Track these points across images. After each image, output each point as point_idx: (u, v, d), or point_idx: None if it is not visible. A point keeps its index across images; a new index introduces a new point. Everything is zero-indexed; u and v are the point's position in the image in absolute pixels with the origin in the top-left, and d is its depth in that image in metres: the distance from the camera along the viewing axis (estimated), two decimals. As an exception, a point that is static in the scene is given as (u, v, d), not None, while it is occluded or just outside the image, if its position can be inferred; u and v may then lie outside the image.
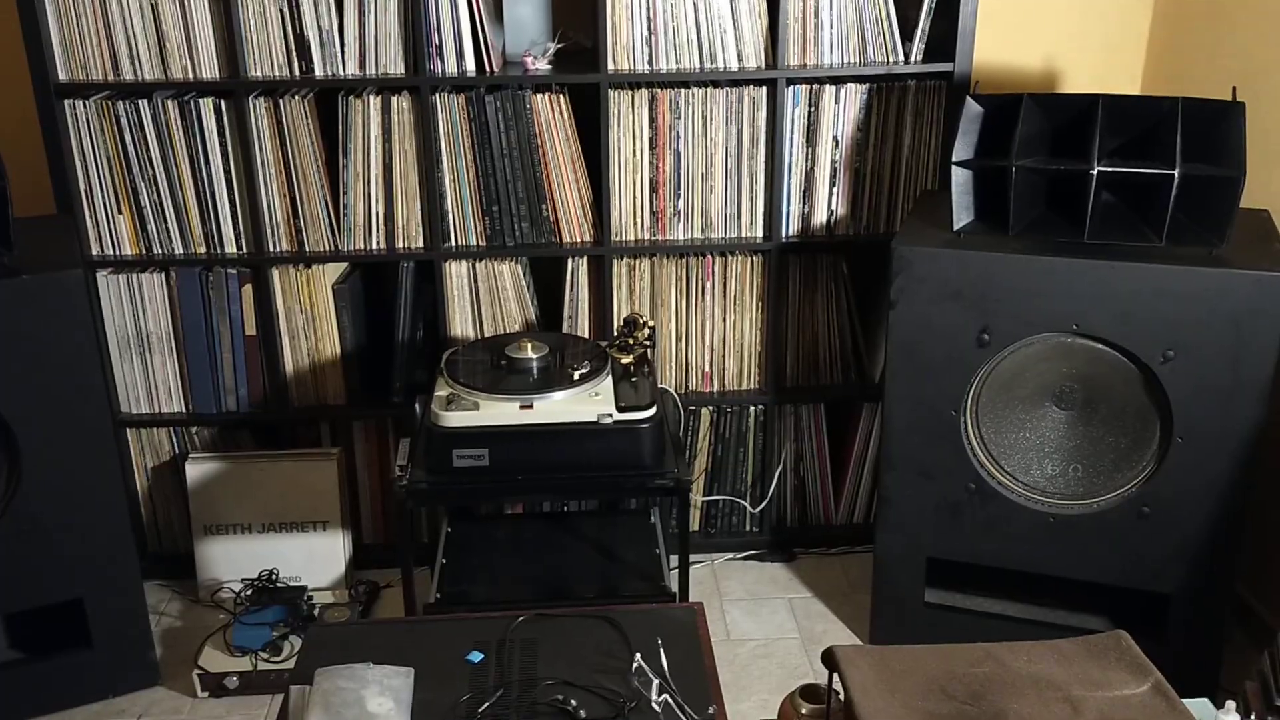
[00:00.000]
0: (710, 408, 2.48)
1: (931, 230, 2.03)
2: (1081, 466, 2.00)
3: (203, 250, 2.29)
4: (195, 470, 2.36)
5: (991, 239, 1.95)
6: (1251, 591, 2.23)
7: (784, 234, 2.37)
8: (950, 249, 1.95)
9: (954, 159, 1.97)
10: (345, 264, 2.39)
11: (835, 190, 2.35)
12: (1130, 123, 1.87)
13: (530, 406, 1.96)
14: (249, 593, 2.30)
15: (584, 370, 2.03)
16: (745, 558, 2.57)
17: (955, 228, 1.99)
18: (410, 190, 2.29)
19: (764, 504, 2.54)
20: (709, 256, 2.38)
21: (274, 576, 2.34)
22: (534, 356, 2.08)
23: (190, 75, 2.18)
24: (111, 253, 2.28)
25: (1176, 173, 1.81)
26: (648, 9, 2.21)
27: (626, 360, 2.12)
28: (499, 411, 1.95)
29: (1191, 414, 1.88)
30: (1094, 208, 1.87)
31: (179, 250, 2.28)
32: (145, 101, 2.17)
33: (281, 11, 2.15)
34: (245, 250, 2.29)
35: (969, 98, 1.95)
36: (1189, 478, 1.91)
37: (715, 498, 2.55)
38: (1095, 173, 1.85)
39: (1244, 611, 2.22)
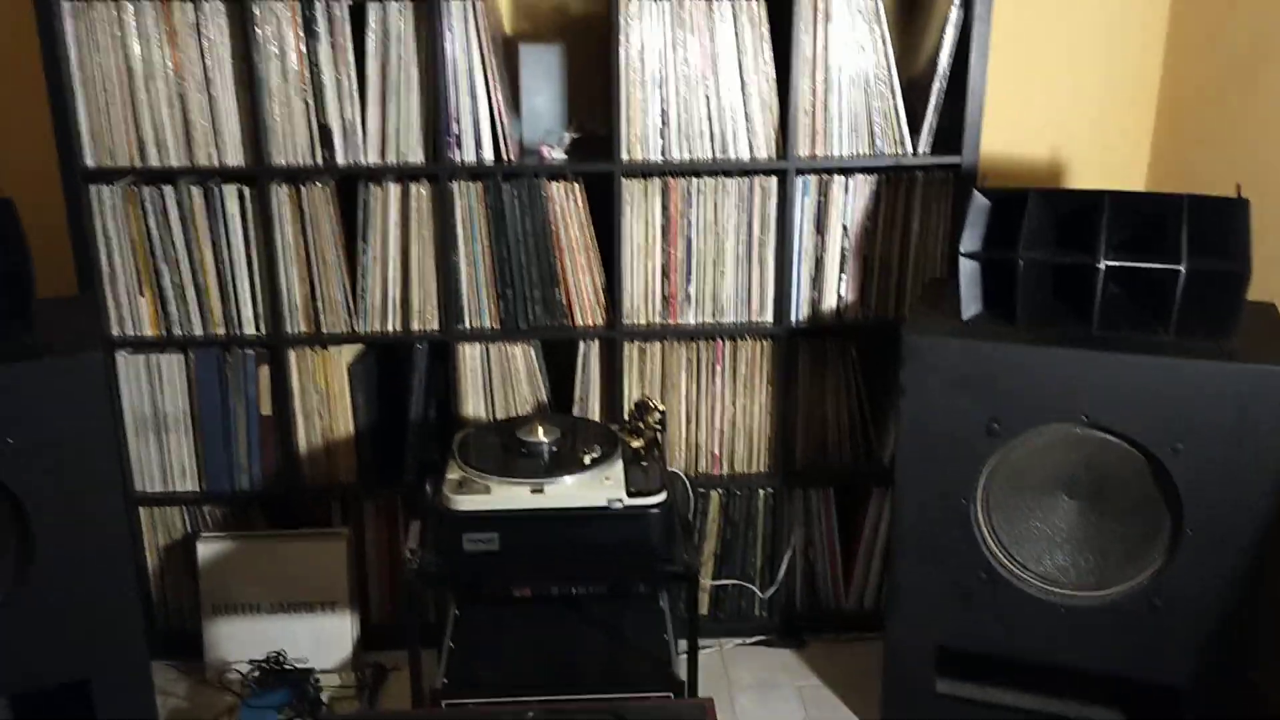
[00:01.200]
0: (719, 490, 2.49)
1: (940, 319, 2.05)
2: (1093, 557, 2.00)
3: (221, 331, 2.32)
4: (206, 549, 2.37)
5: (1000, 329, 1.98)
6: (1266, 682, 2.20)
7: (794, 319, 2.39)
8: (959, 338, 1.97)
9: (962, 250, 2.00)
10: (360, 345, 2.42)
11: (844, 277, 2.38)
12: (1137, 218, 1.90)
13: (541, 490, 1.97)
14: (256, 674, 2.29)
15: (595, 455, 2.04)
16: (754, 643, 2.55)
17: (964, 317, 2.01)
18: (426, 273, 2.32)
19: (773, 589, 2.53)
20: (719, 340, 2.41)
21: (281, 658, 2.33)
22: (545, 440, 2.09)
23: (215, 162, 2.23)
24: (132, 333, 2.31)
25: (1183, 268, 1.84)
26: (661, 101, 2.26)
27: (637, 444, 2.13)
28: (510, 495, 1.96)
29: (1202, 506, 1.88)
30: (1101, 300, 1.90)
31: (198, 331, 2.32)
32: (170, 187, 2.23)
33: (306, 102, 2.21)
34: (263, 331, 2.32)
35: (976, 191, 1.99)
36: (1200, 570, 1.91)
37: (724, 582, 2.54)
38: (1103, 267, 1.88)
39: (1258, 702, 2.20)
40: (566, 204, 2.30)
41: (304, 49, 2.18)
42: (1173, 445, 1.87)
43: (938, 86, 2.25)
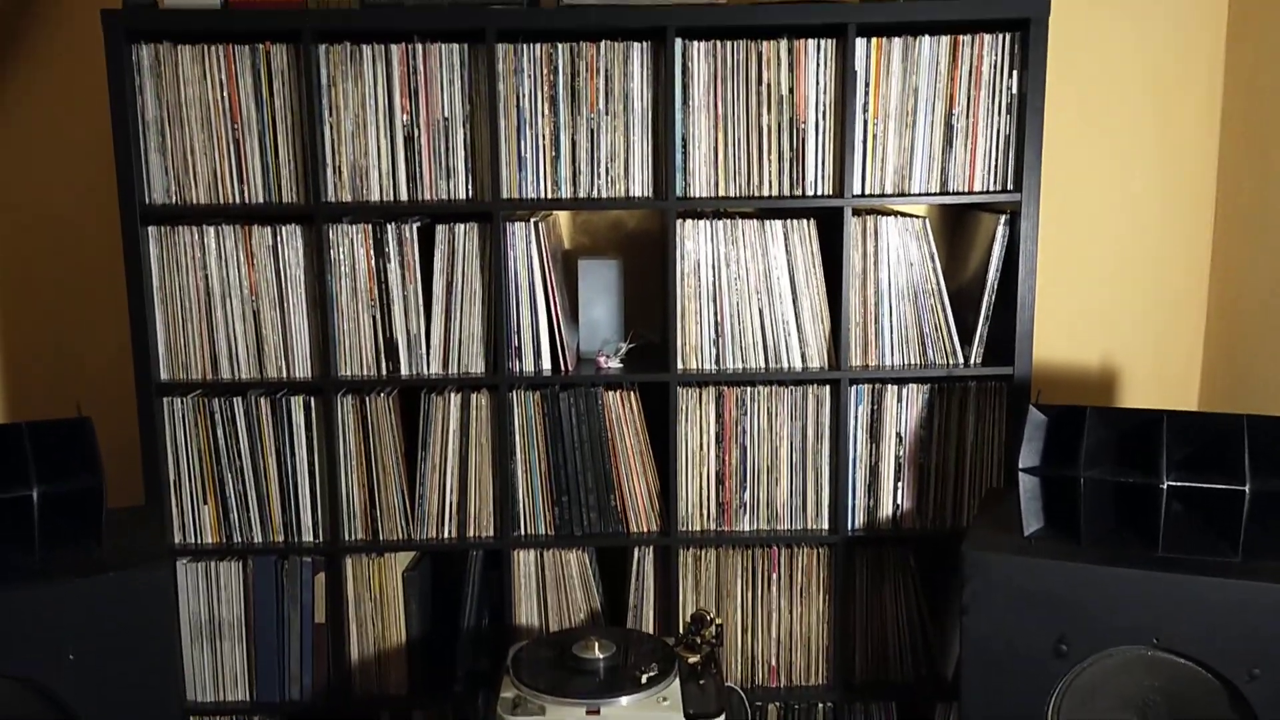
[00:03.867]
0: (777, 704, 2.42)
1: (1002, 534, 2.03)
2: (1173, 787, 1.91)
3: (280, 539, 2.35)
4: (254, 762, 2.33)
5: (1064, 547, 1.95)
6: None
7: (850, 527, 2.38)
8: (1023, 556, 1.94)
9: (1021, 466, 1.99)
10: (416, 552, 2.43)
11: (900, 485, 2.38)
12: (1196, 436, 1.90)
13: (597, 712, 1.94)
14: None
15: (651, 673, 2.01)
16: None
17: (1026, 533, 1.99)
18: (484, 481, 2.35)
19: (834, 808, 2.43)
20: (775, 548, 2.39)
21: None
22: (601, 656, 2.06)
23: (284, 374, 2.30)
24: (193, 541, 2.34)
25: (1248, 489, 1.82)
26: (715, 313, 2.32)
27: (693, 659, 2.10)
28: (565, 716, 1.93)
29: (1286, 737, 1.80)
30: (1166, 521, 1.88)
31: (257, 539, 2.34)
32: (240, 399, 2.30)
33: (374, 317, 2.29)
34: (321, 539, 2.35)
35: (1032, 407, 2.00)
36: (1289, 805, 1.81)
37: (783, 800, 2.45)
38: (1165, 487, 1.86)
39: None
40: (623, 411, 2.34)
41: (374, 267, 2.28)
42: (1249, 671, 1.81)
43: (987, 300, 2.30)
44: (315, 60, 2.19)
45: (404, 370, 2.32)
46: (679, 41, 2.21)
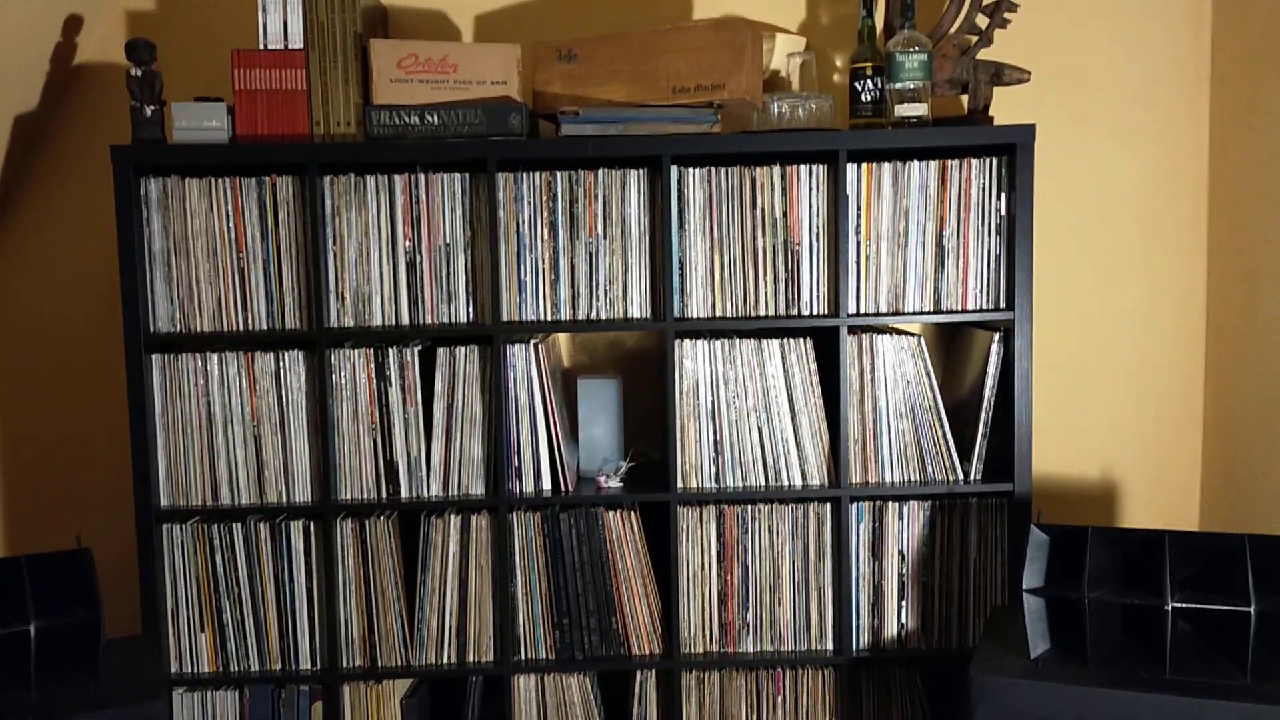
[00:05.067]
0: (785, 832, 2.37)
1: (1008, 656, 2.01)
2: None
3: (278, 666, 2.31)
4: None
5: (1071, 669, 1.93)
6: None
7: (855, 647, 2.35)
8: (1030, 679, 1.92)
9: (1025, 587, 1.98)
10: (415, 678, 2.39)
11: (905, 603, 2.36)
12: (1199, 556, 1.90)
13: None
14: None
15: (657, 805, 1.97)
16: None
17: (1032, 655, 1.97)
18: (484, 604, 2.33)
19: None
20: (779, 670, 2.36)
21: None
22: (605, 787, 2.02)
23: (284, 499, 2.30)
24: (189, 670, 2.31)
25: (1253, 610, 1.81)
26: (714, 431, 2.33)
27: (699, 789, 2.06)
28: None
29: None
30: (1173, 642, 1.86)
31: (254, 666, 2.31)
32: (239, 525, 2.29)
33: (374, 440, 2.30)
34: (319, 666, 2.31)
35: (1034, 527, 2.00)
36: None
37: None
38: (1170, 608, 1.85)
39: None
40: (623, 531, 2.34)
41: (375, 390, 2.29)
42: (1266, 797, 1.78)
43: (984, 417, 2.31)
44: (320, 191, 2.24)
45: (404, 493, 2.32)
46: (674, 168, 2.27)
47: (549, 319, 2.31)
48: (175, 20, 2.56)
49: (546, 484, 2.34)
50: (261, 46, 2.25)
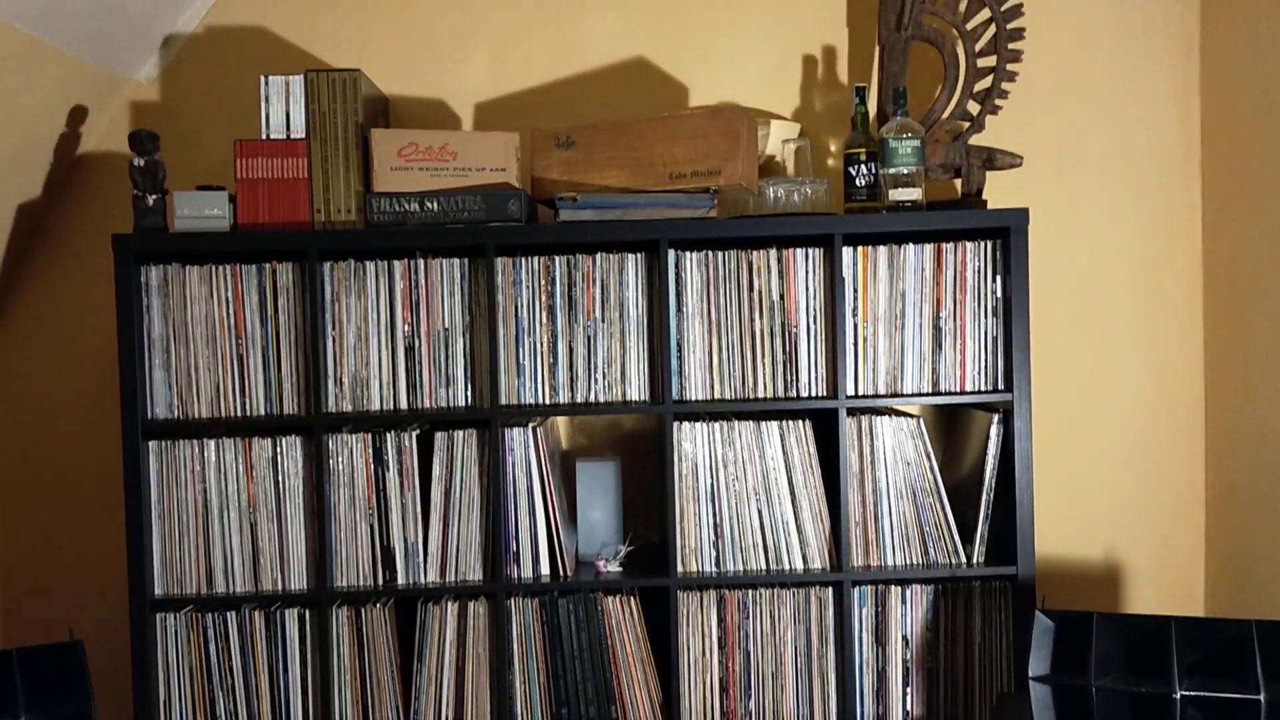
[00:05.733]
0: None
1: (1015, 746, 1.97)
2: None
3: (271, 759, 2.27)
4: None
5: (1080, 760, 1.89)
6: None
7: (859, 735, 2.31)
8: (1038, 771, 1.89)
9: (1030, 674, 1.96)
10: (411, 769, 2.35)
11: (909, 690, 2.32)
12: (1206, 643, 1.87)
13: None
14: None
15: None
16: None
17: (1040, 745, 1.94)
18: (481, 693, 2.29)
19: None
20: (783, 759, 2.32)
21: None
22: None
23: (279, 587, 2.28)
24: (180, 763, 2.27)
25: (1262, 698, 1.79)
26: (714, 514, 2.32)
27: None
28: None
29: None
30: (1183, 731, 1.83)
31: (247, 760, 2.27)
32: (233, 613, 2.26)
33: (371, 526, 2.29)
34: (313, 759, 2.27)
35: (1038, 613, 1.97)
36: None
37: None
38: (1178, 697, 1.82)
39: None
40: (623, 618, 2.31)
41: (373, 475, 2.28)
42: None
43: (986, 499, 2.30)
44: (320, 276, 2.26)
45: (401, 579, 2.30)
46: (672, 252, 2.29)
47: (547, 402, 2.31)
48: (179, 110, 2.60)
49: (545, 569, 2.31)
50: (264, 136, 2.28)
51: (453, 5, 2.62)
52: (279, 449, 2.28)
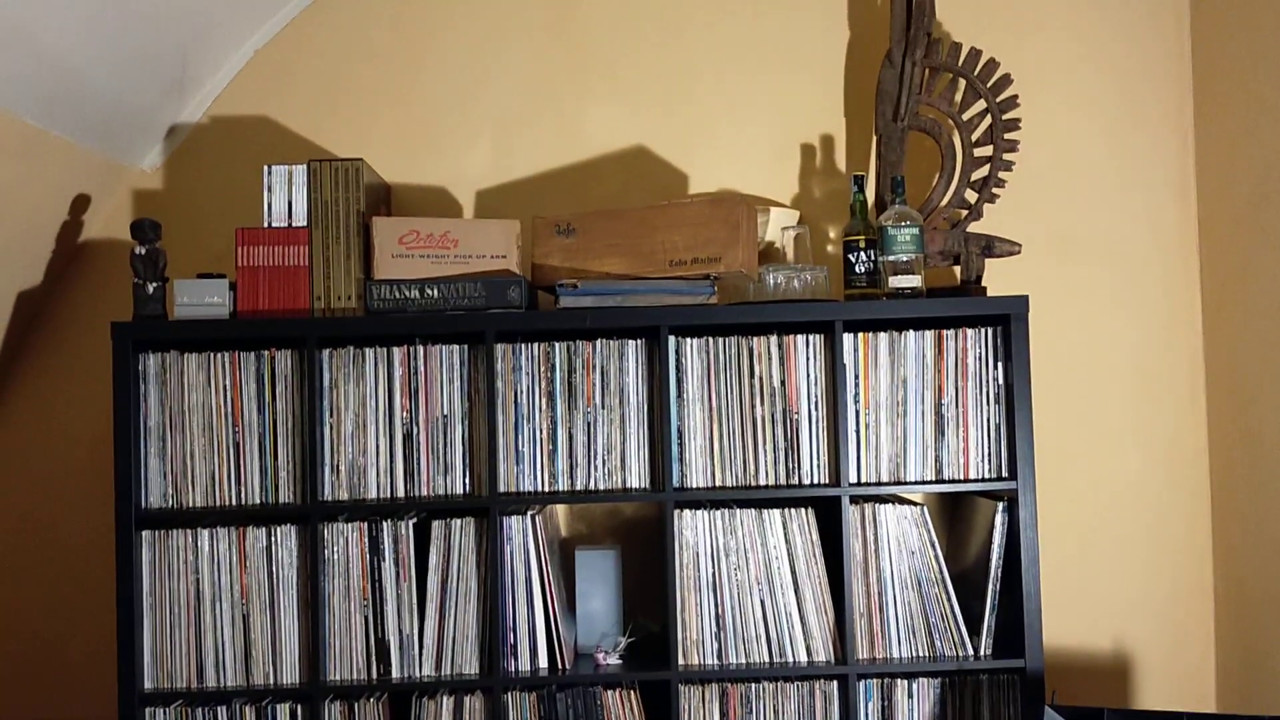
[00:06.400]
0: None
1: None
2: None
3: None
4: None
5: None
6: None
7: (867, 836, 2.24)
8: None
9: (1042, 773, 1.90)
10: None
11: (917, 788, 2.26)
12: (1222, 741, 1.82)
13: None
14: None
15: None
16: None
17: None
18: (477, 792, 2.23)
19: None
20: None
21: None
22: None
23: (270, 681, 2.22)
24: None
25: (1284, 800, 1.73)
26: (715, 604, 2.28)
27: None
28: None
29: None
30: (1202, 835, 1.77)
31: None
32: (224, 708, 2.21)
33: (366, 618, 2.24)
34: None
35: (1048, 709, 1.92)
36: None
37: None
38: (1197, 799, 1.77)
39: None
40: (623, 713, 2.25)
41: (368, 565, 2.24)
42: None
43: (992, 588, 2.26)
44: (319, 364, 2.25)
45: (395, 672, 2.24)
46: (672, 338, 2.28)
47: (547, 490, 2.28)
48: (182, 198, 2.62)
49: (543, 661, 2.26)
50: (266, 224, 2.29)
51: (455, 95, 2.65)
52: (273, 538, 2.24)
